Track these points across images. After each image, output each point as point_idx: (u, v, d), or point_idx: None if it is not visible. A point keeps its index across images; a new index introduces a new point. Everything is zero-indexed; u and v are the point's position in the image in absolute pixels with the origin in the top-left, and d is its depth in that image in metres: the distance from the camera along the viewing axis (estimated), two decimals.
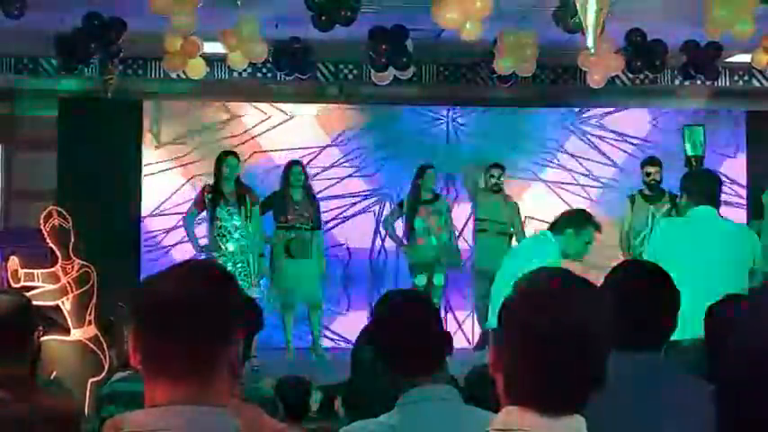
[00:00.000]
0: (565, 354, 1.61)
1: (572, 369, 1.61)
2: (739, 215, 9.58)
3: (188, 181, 9.73)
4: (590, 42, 5.87)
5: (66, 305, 7.13)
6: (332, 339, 9.58)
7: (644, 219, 8.53)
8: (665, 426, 2.47)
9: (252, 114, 10.01)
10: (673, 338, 2.78)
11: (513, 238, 9.22)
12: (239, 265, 8.15)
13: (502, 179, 9.31)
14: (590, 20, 5.73)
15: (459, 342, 8.54)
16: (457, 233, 9.55)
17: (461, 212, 9.70)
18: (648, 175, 8.71)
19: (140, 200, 9.80)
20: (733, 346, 0.90)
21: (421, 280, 8.95)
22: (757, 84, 9.84)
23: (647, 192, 8.74)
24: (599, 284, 2.46)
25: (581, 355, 1.62)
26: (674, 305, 2.71)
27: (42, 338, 3.54)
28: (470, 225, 9.72)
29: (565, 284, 1.68)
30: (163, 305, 1.77)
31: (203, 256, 7.93)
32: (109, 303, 7.12)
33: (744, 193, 10.15)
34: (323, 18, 7.15)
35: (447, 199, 9.48)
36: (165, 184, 9.83)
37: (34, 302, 3.43)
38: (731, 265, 4.73)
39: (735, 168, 10.23)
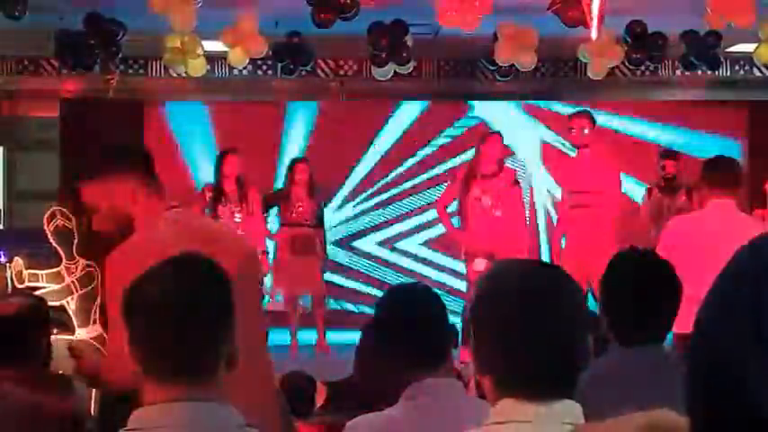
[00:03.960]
0: (555, 342, 1.66)
1: (561, 356, 1.67)
2: (740, 205, 9.56)
3: (189, 179, 9.74)
4: (593, 31, 5.90)
5: (71, 305, 7.14)
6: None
7: (659, 211, 8.50)
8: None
9: (252, 112, 10.02)
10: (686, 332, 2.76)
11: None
12: None
13: (586, 131, 7.36)
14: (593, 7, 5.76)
15: None
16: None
17: None
18: (664, 168, 8.65)
19: None
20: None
21: (479, 265, 7.46)
22: (758, 73, 9.83)
23: (662, 185, 8.69)
24: None
25: (569, 341, 1.68)
26: (674, 293, 2.70)
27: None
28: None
29: (540, 276, 1.73)
30: (155, 305, 1.77)
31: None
32: None
33: (745, 183, 10.14)
34: (322, 15, 7.16)
35: (511, 174, 7.94)
36: (167, 183, 9.83)
37: None
38: None
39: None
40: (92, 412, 5.65)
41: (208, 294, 1.80)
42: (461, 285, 8.37)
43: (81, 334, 7.12)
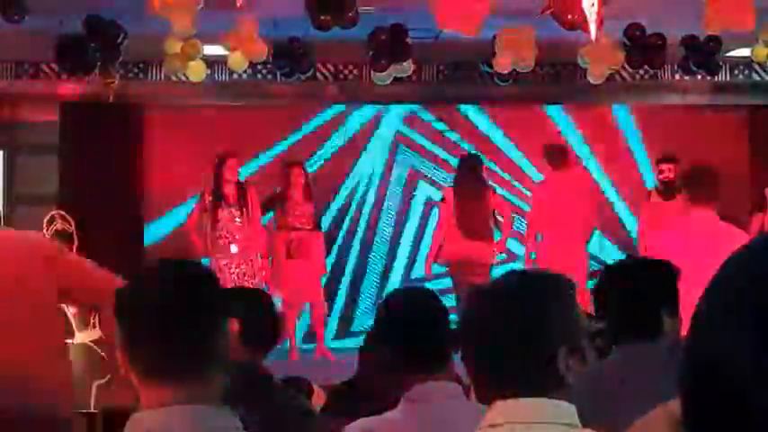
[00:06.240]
0: (535, 343, 1.69)
1: (540, 356, 1.69)
2: (740, 209, 9.58)
3: (190, 183, 9.74)
4: (592, 35, 5.90)
5: (71, 308, 7.13)
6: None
7: (659, 215, 8.51)
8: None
9: (252, 114, 10.02)
10: None
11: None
12: (242, 266, 8.16)
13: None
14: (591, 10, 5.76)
15: None
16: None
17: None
18: (662, 172, 8.65)
19: (142, 203, 9.80)
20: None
21: None
22: (757, 78, 9.83)
23: (661, 189, 8.69)
24: None
25: (551, 341, 1.70)
26: (662, 296, 2.71)
27: None
28: None
29: (518, 280, 1.79)
30: (149, 308, 1.78)
31: (206, 259, 7.94)
32: None
33: (745, 187, 10.14)
34: (322, 18, 7.15)
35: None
36: (168, 187, 9.84)
37: None
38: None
39: (736, 163, 10.22)
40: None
41: (199, 297, 1.81)
42: None
43: (80, 338, 7.12)
